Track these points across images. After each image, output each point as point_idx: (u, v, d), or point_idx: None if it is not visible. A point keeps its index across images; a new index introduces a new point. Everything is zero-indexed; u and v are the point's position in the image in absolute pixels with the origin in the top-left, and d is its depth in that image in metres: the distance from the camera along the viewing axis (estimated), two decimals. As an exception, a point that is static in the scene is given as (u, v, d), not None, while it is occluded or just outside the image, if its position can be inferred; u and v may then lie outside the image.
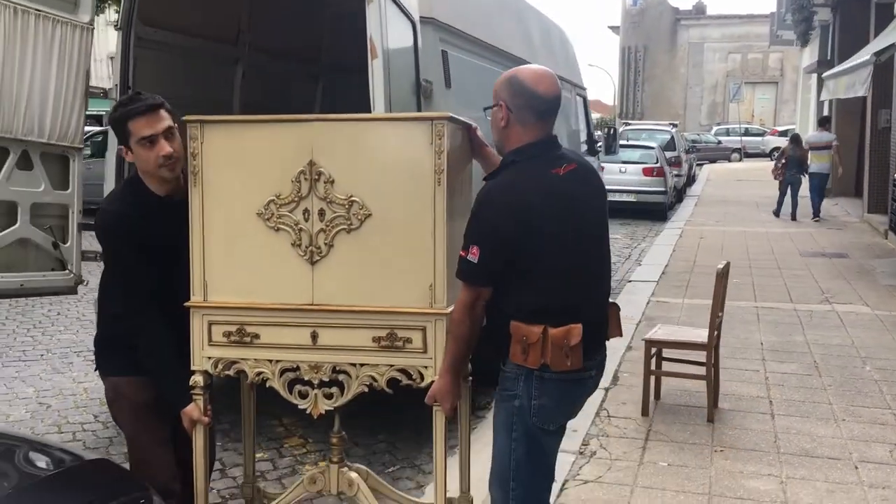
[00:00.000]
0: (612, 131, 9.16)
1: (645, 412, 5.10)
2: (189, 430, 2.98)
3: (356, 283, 2.80)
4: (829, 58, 20.27)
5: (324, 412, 2.93)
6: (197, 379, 2.93)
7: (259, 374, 2.88)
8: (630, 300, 8.61)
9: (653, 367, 5.19)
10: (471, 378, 3.17)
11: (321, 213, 2.79)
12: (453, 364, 2.67)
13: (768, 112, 43.55)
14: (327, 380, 2.86)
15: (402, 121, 3.01)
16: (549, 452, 2.77)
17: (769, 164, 24.97)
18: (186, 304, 2.91)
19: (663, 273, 10.17)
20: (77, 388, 5.92)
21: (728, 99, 40.32)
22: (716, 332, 5.14)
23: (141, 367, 2.94)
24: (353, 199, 2.77)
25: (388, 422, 5.04)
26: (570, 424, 2.87)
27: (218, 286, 2.89)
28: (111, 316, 3.10)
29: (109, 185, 5.06)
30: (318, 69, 7.60)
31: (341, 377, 2.85)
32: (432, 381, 2.75)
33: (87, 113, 5.14)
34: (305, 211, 2.80)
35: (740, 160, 35.53)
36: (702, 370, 5.10)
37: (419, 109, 4.27)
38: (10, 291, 4.76)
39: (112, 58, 5.01)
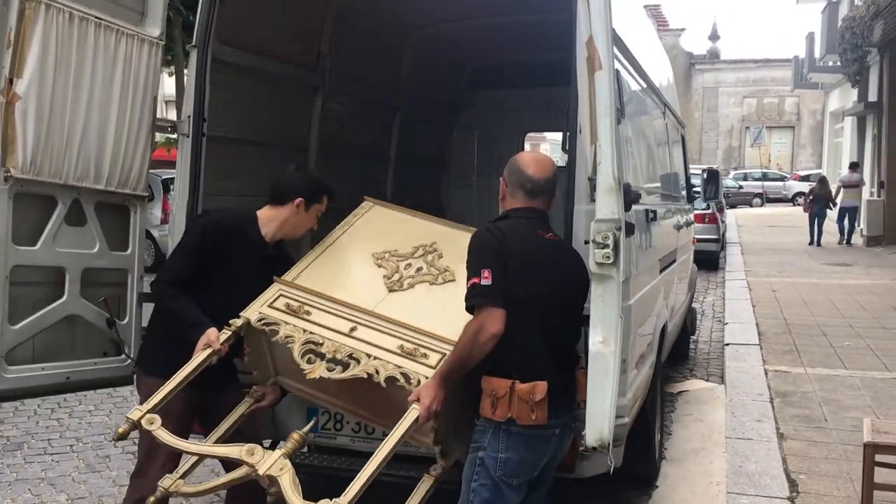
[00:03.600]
0: (710, 174, 8.06)
1: (867, 537, 3.93)
2: (199, 349, 3.14)
3: (413, 312, 3.21)
4: (876, 99, 19.36)
5: (318, 377, 3.07)
6: (237, 321, 3.24)
7: (288, 337, 3.16)
8: (742, 369, 7.48)
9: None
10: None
11: (419, 269, 3.45)
12: (446, 371, 2.87)
13: (785, 156, 42.60)
14: (340, 359, 3.09)
15: None
16: None
17: (794, 210, 24.49)
18: (275, 277, 3.38)
19: (760, 334, 9.03)
20: (119, 494, 4.72)
21: (747, 143, 39.57)
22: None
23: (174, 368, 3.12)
24: (447, 269, 3.42)
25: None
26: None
27: (311, 279, 3.40)
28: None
29: (177, 238, 3.79)
30: (398, 99, 6.54)
31: (352, 362, 3.06)
32: None
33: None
34: (409, 264, 3.47)
35: (762, 205, 34.62)
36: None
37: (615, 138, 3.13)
38: (54, 387, 3.61)
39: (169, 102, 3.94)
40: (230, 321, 3.25)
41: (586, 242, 2.76)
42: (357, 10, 5.44)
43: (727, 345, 8.61)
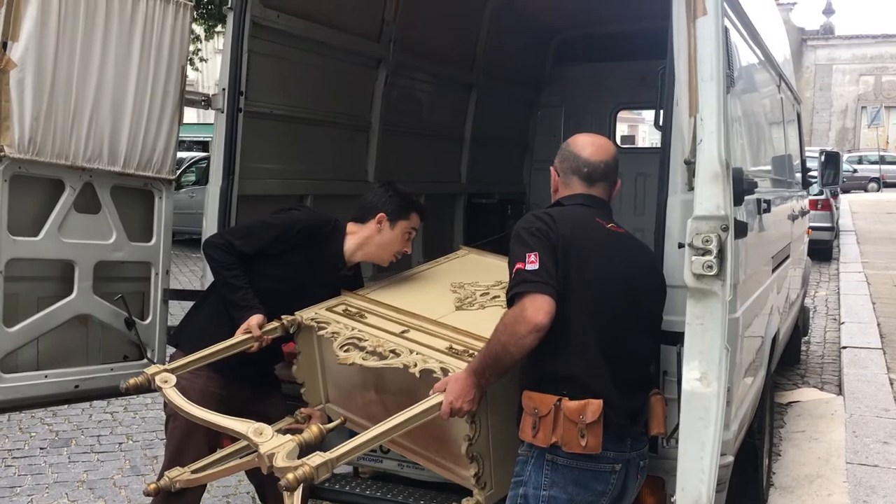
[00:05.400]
0: (829, 156, 7.17)
1: None
2: (239, 333, 2.91)
3: (475, 326, 2.85)
4: None
5: (349, 364, 2.82)
6: (290, 317, 3.02)
7: (334, 333, 2.92)
8: (862, 377, 6.62)
9: None
10: None
11: (496, 297, 3.13)
12: (477, 366, 2.45)
13: (905, 139, 39.97)
14: (380, 352, 2.80)
15: None
16: None
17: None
18: (343, 290, 3.17)
19: (882, 336, 8.07)
20: None
21: (863, 124, 37.24)
22: None
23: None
24: None
25: None
26: None
27: (381, 295, 3.18)
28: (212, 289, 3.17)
29: (210, 225, 3.51)
30: (473, 76, 5.95)
31: (390, 355, 2.78)
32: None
33: (185, 136, 3.59)
34: (486, 293, 3.18)
35: (878, 190, 32.51)
36: None
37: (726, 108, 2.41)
38: (61, 397, 3.20)
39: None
40: (282, 316, 2.99)
41: (681, 246, 2.11)
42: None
43: (844, 348, 7.71)
